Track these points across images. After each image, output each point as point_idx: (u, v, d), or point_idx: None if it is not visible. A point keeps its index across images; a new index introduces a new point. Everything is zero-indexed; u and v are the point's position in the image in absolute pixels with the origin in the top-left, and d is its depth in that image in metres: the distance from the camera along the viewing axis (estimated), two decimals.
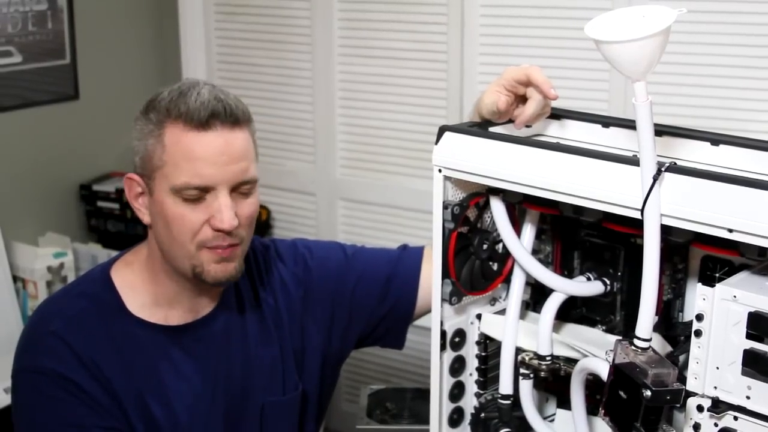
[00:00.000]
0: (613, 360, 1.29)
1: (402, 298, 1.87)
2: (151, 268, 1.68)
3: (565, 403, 1.60)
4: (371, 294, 1.86)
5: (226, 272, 1.63)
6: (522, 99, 1.53)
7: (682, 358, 1.40)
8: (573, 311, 1.57)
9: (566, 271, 1.56)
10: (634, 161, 1.26)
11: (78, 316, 1.64)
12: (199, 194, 1.57)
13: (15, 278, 3.17)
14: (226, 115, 1.57)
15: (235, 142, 1.59)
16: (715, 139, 1.39)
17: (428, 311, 1.85)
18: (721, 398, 1.24)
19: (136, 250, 1.74)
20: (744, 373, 1.21)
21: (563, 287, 1.49)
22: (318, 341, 1.83)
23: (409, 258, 1.89)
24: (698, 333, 1.24)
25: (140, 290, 1.68)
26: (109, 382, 1.62)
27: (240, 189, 1.61)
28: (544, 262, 1.57)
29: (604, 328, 1.54)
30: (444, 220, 1.49)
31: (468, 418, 1.65)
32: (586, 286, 1.50)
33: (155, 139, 1.58)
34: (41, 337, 1.64)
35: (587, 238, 1.52)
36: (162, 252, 1.65)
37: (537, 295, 1.60)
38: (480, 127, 1.52)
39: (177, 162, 1.56)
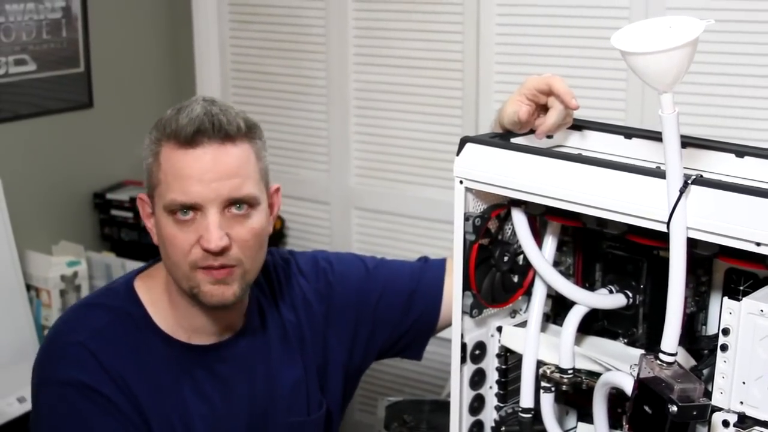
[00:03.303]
0: (638, 374, 1.27)
1: (426, 312, 1.85)
2: (169, 290, 1.66)
3: (586, 416, 1.58)
4: (395, 308, 1.84)
5: (223, 296, 1.59)
6: (543, 108, 1.52)
7: (706, 372, 1.38)
8: (594, 324, 1.55)
9: (588, 283, 1.55)
10: (659, 173, 1.24)
11: (104, 328, 1.62)
12: (188, 213, 1.55)
13: (28, 287, 3.16)
14: (215, 130, 1.54)
15: (224, 159, 1.55)
16: (740, 151, 1.38)
17: (449, 324, 1.84)
18: (747, 413, 1.23)
19: (159, 265, 1.71)
20: None
21: (585, 300, 1.47)
22: (340, 356, 1.82)
23: (432, 271, 1.87)
24: (724, 347, 1.23)
25: (162, 307, 1.67)
26: (135, 397, 1.60)
27: (233, 208, 1.57)
28: (566, 274, 1.55)
29: (626, 341, 1.53)
30: (465, 232, 1.48)
31: (488, 431, 1.64)
32: (609, 299, 1.49)
33: (153, 157, 1.58)
34: (65, 347, 1.61)
35: (609, 250, 1.51)
36: (168, 272, 1.64)
37: (558, 307, 1.59)
38: (502, 138, 1.51)
39: (168, 180, 1.55)
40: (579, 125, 1.55)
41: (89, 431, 1.58)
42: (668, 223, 1.21)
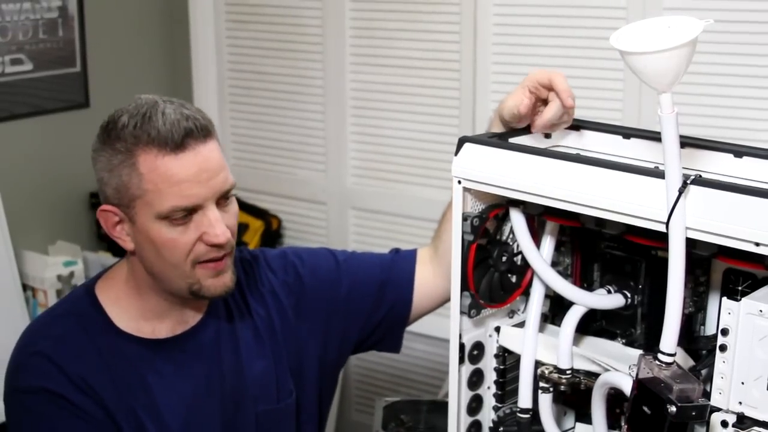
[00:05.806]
0: (637, 375, 1.27)
1: (398, 302, 1.86)
2: (135, 285, 1.67)
3: (584, 416, 1.59)
4: (366, 299, 1.85)
5: (224, 284, 1.63)
6: (544, 103, 1.53)
7: (704, 372, 1.38)
8: (592, 324, 1.55)
9: (586, 283, 1.55)
10: (658, 173, 1.24)
11: (64, 335, 1.64)
12: (187, 215, 1.56)
13: (25, 287, 3.15)
14: (198, 130, 1.56)
15: (211, 155, 1.57)
16: (739, 151, 1.38)
17: (423, 314, 1.88)
18: (746, 414, 1.23)
19: (116, 267, 1.73)
20: None
21: (584, 300, 1.47)
22: (314, 349, 1.82)
23: (403, 262, 1.88)
24: (723, 348, 1.23)
25: (125, 306, 1.67)
26: (100, 397, 1.61)
27: (223, 200, 1.60)
28: (564, 275, 1.56)
29: (624, 341, 1.53)
30: (463, 232, 1.48)
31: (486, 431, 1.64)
32: (607, 299, 1.49)
33: (129, 168, 1.55)
34: (27, 358, 1.64)
35: (607, 251, 1.51)
36: (151, 274, 1.64)
37: (556, 307, 1.59)
38: (500, 138, 1.51)
39: (159, 188, 1.54)
40: (577, 125, 1.55)
41: None
42: (667, 224, 1.21)
